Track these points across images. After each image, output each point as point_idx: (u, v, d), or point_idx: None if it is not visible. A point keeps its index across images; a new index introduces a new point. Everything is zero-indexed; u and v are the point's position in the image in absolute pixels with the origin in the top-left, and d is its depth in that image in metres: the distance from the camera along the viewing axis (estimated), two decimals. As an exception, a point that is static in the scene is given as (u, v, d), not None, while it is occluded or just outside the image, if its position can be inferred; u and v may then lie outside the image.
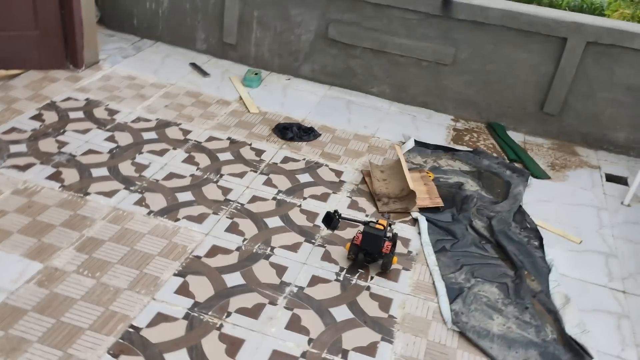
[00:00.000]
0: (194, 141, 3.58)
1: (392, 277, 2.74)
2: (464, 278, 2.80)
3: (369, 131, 4.01)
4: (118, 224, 2.80)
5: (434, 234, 3.08)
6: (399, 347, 2.37)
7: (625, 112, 4.04)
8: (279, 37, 4.50)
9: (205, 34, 4.66)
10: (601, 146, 4.19)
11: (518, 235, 3.15)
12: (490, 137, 4.18)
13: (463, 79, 4.28)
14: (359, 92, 4.51)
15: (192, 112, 3.90)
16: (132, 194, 3.02)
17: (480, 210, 3.32)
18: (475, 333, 2.47)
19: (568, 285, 2.83)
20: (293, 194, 3.23)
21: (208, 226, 2.88)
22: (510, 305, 2.67)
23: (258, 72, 4.40)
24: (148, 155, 3.36)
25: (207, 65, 4.57)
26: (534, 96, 4.19)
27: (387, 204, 3.25)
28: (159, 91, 4.10)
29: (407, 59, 4.31)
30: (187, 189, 3.13)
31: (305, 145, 3.71)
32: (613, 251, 3.12)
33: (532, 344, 2.46)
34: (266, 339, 2.32)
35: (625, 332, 2.60)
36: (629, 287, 2.88)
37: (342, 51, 4.42)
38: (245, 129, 3.80)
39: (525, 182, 3.65)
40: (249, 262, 2.70)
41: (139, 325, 2.29)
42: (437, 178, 3.57)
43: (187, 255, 2.68)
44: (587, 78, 4.02)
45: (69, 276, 2.47)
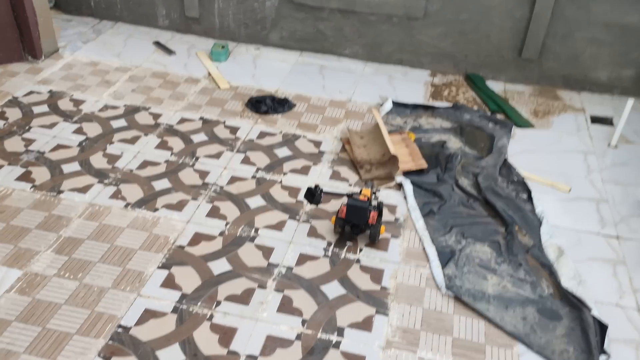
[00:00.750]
0: (165, 125, 3.45)
1: (382, 247, 2.68)
2: (455, 240, 2.75)
3: (344, 96, 3.89)
4: (95, 221, 2.70)
5: (420, 197, 3.01)
6: (395, 319, 2.33)
7: (605, 51, 3.95)
8: (242, 5, 4.32)
9: (166, 9, 4.46)
10: (584, 87, 4.12)
11: (505, 189, 3.09)
12: (469, 90, 4.09)
13: (437, 32, 4.15)
14: (331, 56, 4.37)
15: (161, 94, 3.75)
16: (107, 187, 2.91)
17: (465, 168, 3.26)
18: (471, 296, 2.44)
19: (560, 236, 2.79)
20: (272, 170, 3.14)
21: (188, 213, 2.79)
22: (504, 263, 2.63)
23: (225, 45, 4.24)
24: (119, 145, 3.24)
25: (171, 43, 4.39)
26: (511, 42, 4.08)
27: (369, 171, 3.17)
28: (124, 75, 3.93)
29: (377, 17, 4.17)
30: (163, 177, 3.03)
31: (280, 118, 3.60)
32: (603, 196, 3.08)
33: (529, 301, 2.43)
34: (259, 325, 2.27)
35: (622, 278, 2.58)
36: (622, 231, 2.85)
37: (309, 14, 4.26)
38: (217, 107, 3.67)
39: (509, 133, 3.58)
40: (233, 247, 2.62)
41: (128, 325, 2.22)
42: (419, 138, 3.49)
43: (170, 246, 2.60)
44: (564, 18, 3.90)
45: (50, 280, 2.38)
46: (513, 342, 2.27)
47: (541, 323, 2.35)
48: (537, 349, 2.24)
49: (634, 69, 3.97)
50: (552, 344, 2.26)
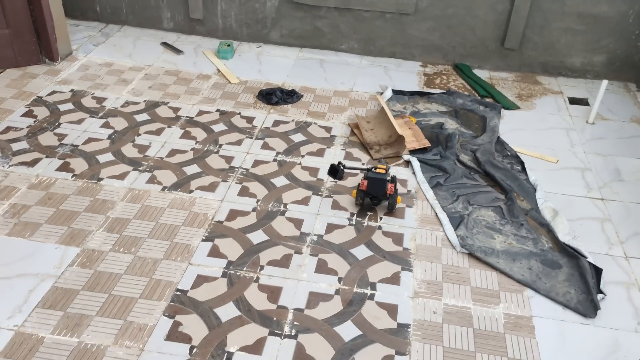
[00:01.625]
0: (185, 117, 3.71)
1: (399, 215, 3.00)
2: (462, 207, 3.08)
3: (346, 86, 4.21)
4: (138, 203, 2.94)
5: (427, 172, 3.34)
6: (419, 274, 2.65)
7: (578, 39, 4.37)
8: (244, 6, 4.60)
9: (170, 12, 4.71)
10: (560, 73, 4.52)
11: (502, 162, 3.45)
12: (459, 78, 4.45)
13: (426, 26, 4.50)
14: (329, 51, 4.68)
15: (177, 90, 4.01)
16: (143, 174, 3.16)
17: (463, 145, 3.60)
18: (482, 252, 2.77)
19: (553, 200, 3.16)
20: (291, 153, 3.43)
21: (221, 193, 3.06)
22: (507, 224, 2.97)
23: (230, 44, 4.51)
24: (146, 136, 3.48)
25: (178, 43, 4.64)
26: (494, 34, 4.46)
27: (379, 151, 3.49)
28: (139, 74, 4.17)
29: (371, 13, 4.50)
30: (192, 162, 3.29)
31: (291, 108, 3.89)
32: (587, 165, 3.47)
33: (533, 254, 2.78)
34: (301, 284, 2.55)
35: (609, 233, 2.95)
36: (606, 194, 3.23)
37: (307, 13, 4.56)
38: (231, 99, 3.94)
39: (499, 114, 3.94)
40: (267, 220, 2.90)
41: (184, 288, 2.48)
42: (419, 121, 3.82)
43: (210, 221, 2.87)
44: (541, 10, 4.30)
45: (107, 255, 2.62)
46: (523, 287, 2.61)
47: (545, 271, 2.69)
48: (543, 292, 2.59)
49: (604, 55, 4.39)
50: (556, 288, 2.61)
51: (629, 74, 4.42)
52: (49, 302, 2.37)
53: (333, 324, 2.36)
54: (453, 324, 2.40)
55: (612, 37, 4.30)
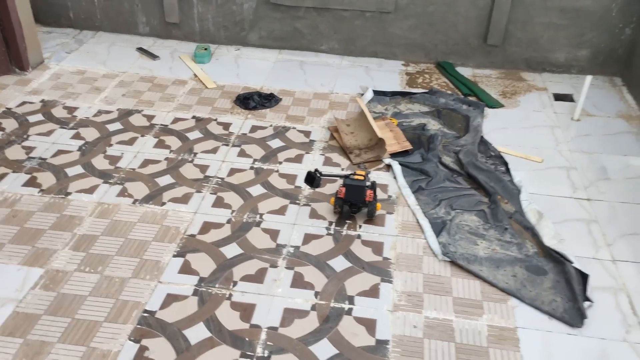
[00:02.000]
0: (160, 125, 3.59)
1: (379, 223, 2.90)
2: (444, 212, 2.98)
3: (326, 88, 4.10)
4: (107, 218, 2.83)
5: (408, 176, 3.24)
6: (399, 285, 2.55)
7: (561, 33, 4.27)
8: (221, 8, 4.48)
9: (146, 16, 4.59)
10: (544, 68, 4.42)
11: (485, 164, 3.35)
12: (441, 76, 4.35)
13: (407, 24, 4.39)
14: (309, 52, 4.57)
15: (151, 96, 3.89)
16: (113, 187, 3.05)
17: (446, 147, 3.50)
18: (465, 259, 2.67)
19: (538, 201, 3.06)
20: (268, 160, 3.32)
21: (194, 205, 2.95)
22: (491, 229, 2.87)
23: (207, 47, 4.39)
24: (118, 146, 3.37)
25: (154, 48, 4.52)
26: (476, 30, 4.35)
27: (359, 155, 3.39)
28: (113, 81, 4.05)
29: (351, 13, 4.39)
30: (165, 173, 3.17)
31: (269, 112, 3.78)
32: (572, 164, 3.37)
33: (517, 260, 2.68)
34: (275, 300, 2.45)
35: (596, 235, 2.86)
36: (592, 194, 3.13)
37: (286, 14, 4.45)
38: (208, 105, 3.83)
39: (482, 113, 3.85)
40: (242, 232, 2.80)
41: (153, 309, 2.37)
42: (400, 122, 3.72)
43: (182, 235, 2.76)
44: (523, 5, 4.20)
45: (72, 275, 2.51)
46: (507, 296, 2.51)
47: (530, 279, 2.60)
48: (528, 301, 2.49)
49: (588, 49, 4.30)
50: (542, 296, 2.51)
51: (614, 68, 4.33)
52: (9, 329, 2.26)
53: (308, 342, 2.26)
54: (434, 338, 2.31)
55: (595, 31, 4.21)
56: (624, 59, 4.27)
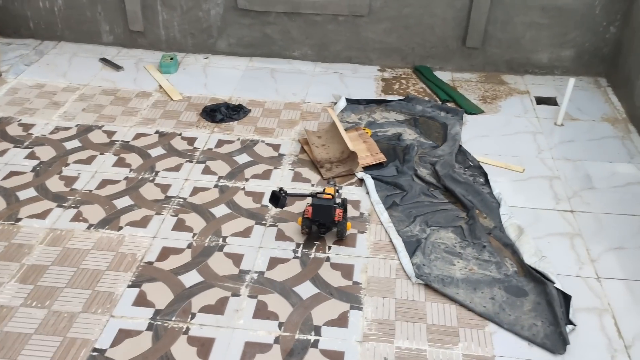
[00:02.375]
0: (120, 142, 3.40)
1: (350, 243, 2.72)
2: (420, 229, 2.81)
3: (298, 98, 3.92)
4: (58, 246, 2.64)
5: (382, 190, 3.07)
6: (369, 312, 2.38)
7: (544, 33, 4.11)
8: (187, 15, 4.29)
9: (109, 25, 4.39)
10: (526, 70, 4.26)
11: (463, 175, 3.18)
12: (419, 81, 4.18)
13: (382, 27, 4.22)
14: (281, 59, 4.39)
15: (113, 111, 3.70)
16: (67, 211, 2.86)
17: (422, 158, 3.33)
18: (440, 282, 2.50)
19: (519, 215, 2.90)
20: (234, 177, 3.14)
21: (154, 229, 2.77)
22: (468, 247, 2.71)
23: (174, 56, 4.21)
24: (75, 166, 3.18)
25: (118, 58, 4.33)
26: (454, 32, 4.19)
27: (330, 169, 3.21)
28: (73, 95, 3.85)
29: (323, 17, 4.21)
30: (124, 194, 2.99)
31: (237, 125, 3.60)
32: (555, 173, 3.21)
33: (496, 281, 2.52)
34: (236, 333, 2.27)
35: (580, 250, 2.69)
36: (576, 205, 2.97)
37: (255, 19, 4.27)
38: (172, 119, 3.64)
39: (461, 120, 3.68)
40: (203, 257, 2.62)
41: (103, 347, 2.19)
42: (375, 132, 3.55)
43: (138, 263, 2.57)
44: (502, 5, 4.04)
45: (17, 311, 2.32)
46: (484, 322, 2.35)
47: (509, 301, 2.43)
48: (507, 326, 2.33)
49: (572, 49, 4.14)
50: (521, 320, 2.35)
51: (598, 68, 4.18)
52: (-60, 377, 2.07)
53: (269, 381, 2.09)
54: (405, 372, 2.14)
55: (578, 30, 4.05)
56: (609, 58, 4.12)
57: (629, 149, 3.41)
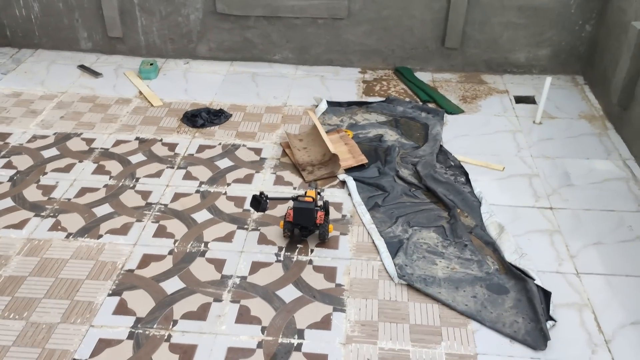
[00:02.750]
0: (100, 149, 3.37)
1: (332, 245, 2.72)
2: (402, 230, 2.82)
3: (279, 101, 3.92)
4: (36, 256, 2.61)
5: (364, 192, 3.07)
6: (352, 314, 2.37)
7: (521, 33, 4.14)
8: (166, 20, 4.27)
9: (87, 31, 4.35)
10: (505, 70, 4.30)
11: (444, 175, 3.20)
12: (400, 83, 4.20)
13: (362, 30, 4.23)
14: (262, 63, 4.39)
15: (92, 118, 3.67)
16: (45, 220, 2.82)
17: (404, 158, 3.34)
18: (422, 282, 2.51)
19: (499, 213, 2.91)
20: (216, 182, 3.13)
21: (134, 236, 2.75)
22: (450, 246, 2.72)
23: (153, 62, 4.18)
24: (53, 175, 3.15)
25: (97, 65, 4.29)
26: (433, 34, 4.21)
27: (312, 172, 3.21)
28: (51, 103, 3.82)
29: (302, 20, 4.21)
30: (104, 202, 2.96)
31: (218, 129, 3.58)
32: (534, 171, 3.24)
33: (477, 279, 2.53)
34: (218, 339, 2.26)
35: (559, 246, 2.72)
36: (555, 202, 3.00)
37: (235, 24, 4.26)
38: (153, 125, 3.61)
39: (441, 120, 3.70)
40: (184, 264, 2.60)
41: (82, 357, 2.17)
42: (357, 134, 3.55)
43: (119, 271, 2.55)
44: (479, 6, 4.07)
45: (-6, 324, 2.29)
46: (467, 320, 2.35)
47: (490, 299, 2.45)
48: (489, 324, 2.34)
49: (549, 48, 4.18)
50: (503, 317, 2.36)
51: (575, 67, 4.22)
52: None
53: (252, 387, 2.08)
54: (389, 373, 2.14)
55: (555, 29, 4.09)
56: (586, 56, 4.17)
57: (606, 145, 3.45)
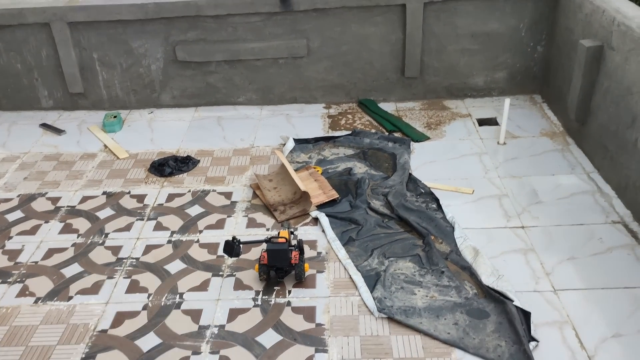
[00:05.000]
0: (66, 207, 3.31)
1: (309, 284, 2.69)
2: (378, 262, 2.81)
3: (246, 143, 3.92)
4: (4, 324, 2.52)
5: (337, 227, 3.07)
6: (335, 354, 2.33)
7: (477, 58, 4.25)
8: (127, 72, 4.28)
9: (47, 89, 4.33)
10: (465, 94, 4.39)
11: (415, 203, 3.21)
12: (365, 115, 4.24)
13: (323, 66, 4.29)
14: (226, 106, 4.40)
15: (56, 176, 3.61)
16: (12, 286, 2.74)
17: (374, 190, 3.36)
18: (403, 313, 2.49)
19: (473, 236, 2.93)
20: (187, 230, 3.09)
21: (106, 294, 2.68)
22: (427, 274, 2.71)
23: (117, 114, 4.16)
24: (19, 238, 3.07)
25: (59, 122, 4.25)
26: (392, 65, 4.29)
27: (284, 212, 3.20)
28: (13, 164, 3.75)
29: (263, 61, 4.26)
30: (73, 261, 2.89)
31: (186, 176, 3.56)
32: (503, 191, 3.28)
33: (457, 306, 2.52)
34: (200, 393, 2.20)
35: (534, 264, 2.73)
36: (526, 220, 3.03)
37: (197, 70, 4.28)
38: (120, 178, 3.57)
39: (408, 149, 3.74)
40: (160, 318, 2.54)
41: None
42: (326, 170, 3.56)
43: (91, 333, 2.47)
44: (434, 36, 4.17)
45: (-37, 402, 2.19)
46: (450, 349, 2.33)
47: (472, 324, 2.43)
48: (472, 350, 2.32)
49: (505, 71, 4.29)
50: (486, 342, 2.35)
51: (532, 86, 4.33)
52: None
53: None
54: (376, 411, 2.10)
55: (508, 52, 4.21)
56: (540, 76, 4.28)
57: (569, 160, 3.52)
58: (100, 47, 4.17)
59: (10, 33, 4.14)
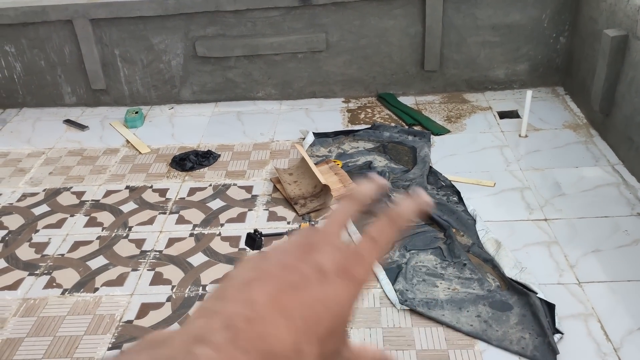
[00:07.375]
0: (91, 201, 3.36)
1: (331, 277, 2.70)
2: (399, 255, 2.81)
3: (266, 137, 3.94)
4: (33, 316, 2.57)
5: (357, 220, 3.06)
6: (357, 345, 2.34)
7: (497, 50, 4.21)
8: (148, 68, 4.32)
9: (70, 86, 4.39)
10: (486, 87, 4.35)
11: (436, 196, 3.20)
12: (384, 109, 4.24)
13: (342, 60, 4.29)
14: (246, 101, 4.42)
15: (81, 171, 3.66)
16: (40, 278, 2.79)
17: (395, 183, 3.35)
18: (425, 305, 2.49)
19: (495, 229, 2.91)
20: (209, 224, 3.11)
21: (131, 286, 2.72)
22: (449, 267, 2.71)
23: (138, 110, 4.21)
24: (45, 232, 3.12)
25: (82, 118, 4.31)
26: (412, 58, 4.27)
27: (304, 205, 3.21)
28: (38, 160, 3.82)
29: (282, 56, 4.27)
30: (98, 254, 2.94)
31: (207, 171, 3.59)
32: (525, 184, 3.25)
33: (480, 298, 2.51)
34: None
35: (558, 257, 2.71)
36: (549, 213, 3.00)
37: (216, 65, 4.31)
38: (142, 172, 3.62)
39: (428, 142, 3.72)
40: (184, 309, 2.57)
41: (86, 416, 2.12)
42: (346, 163, 3.57)
43: (117, 323, 2.51)
44: (454, 28, 4.14)
45: (-6, 390, 2.25)
46: (473, 341, 2.33)
47: (495, 316, 2.43)
48: (496, 342, 2.31)
49: (527, 63, 4.25)
50: (509, 334, 2.34)
51: (554, 78, 4.28)
52: None
53: None
54: (399, 402, 2.10)
55: (530, 44, 4.17)
56: (563, 67, 4.23)
57: (593, 152, 3.48)
58: (121, 43, 4.22)
59: (34, 30, 4.20)
